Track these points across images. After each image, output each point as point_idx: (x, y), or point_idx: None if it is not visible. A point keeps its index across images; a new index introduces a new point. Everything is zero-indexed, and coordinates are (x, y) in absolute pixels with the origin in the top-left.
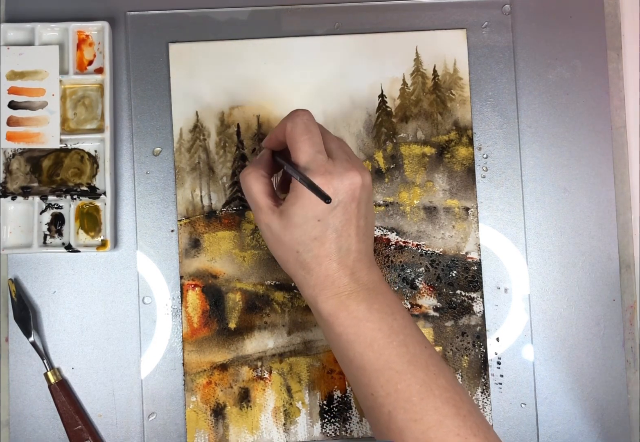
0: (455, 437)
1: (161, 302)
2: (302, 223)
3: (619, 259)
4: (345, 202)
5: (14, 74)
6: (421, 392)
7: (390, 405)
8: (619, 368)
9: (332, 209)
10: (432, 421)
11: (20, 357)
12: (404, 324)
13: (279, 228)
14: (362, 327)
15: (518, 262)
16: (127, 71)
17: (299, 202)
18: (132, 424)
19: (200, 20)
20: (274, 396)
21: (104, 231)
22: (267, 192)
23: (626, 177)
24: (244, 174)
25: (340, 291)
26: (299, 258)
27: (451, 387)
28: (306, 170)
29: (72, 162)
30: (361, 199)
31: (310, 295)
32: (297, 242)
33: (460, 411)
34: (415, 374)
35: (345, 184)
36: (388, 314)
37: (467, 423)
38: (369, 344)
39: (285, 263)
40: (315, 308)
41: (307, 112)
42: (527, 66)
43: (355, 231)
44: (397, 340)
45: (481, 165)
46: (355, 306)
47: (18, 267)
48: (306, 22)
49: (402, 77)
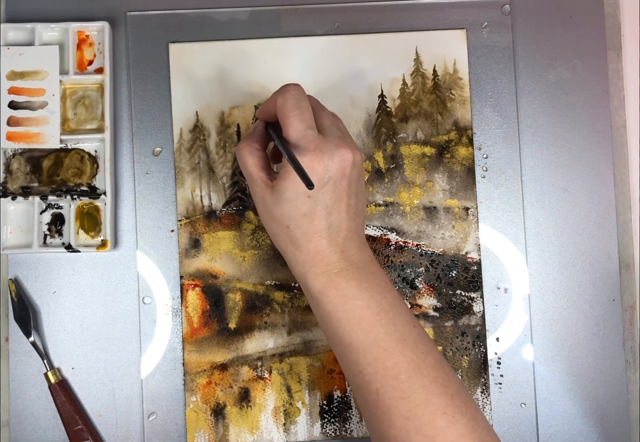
0: (442, 415)
1: (161, 302)
2: (292, 199)
3: (619, 259)
4: (335, 179)
5: (14, 74)
6: (409, 370)
7: (378, 383)
8: (619, 368)
9: (323, 185)
10: (419, 398)
11: (20, 357)
12: (393, 303)
13: (271, 202)
14: (351, 305)
15: (518, 262)
16: (127, 71)
17: (290, 178)
18: (132, 424)
19: (200, 20)
20: (274, 396)
21: (104, 231)
22: (262, 166)
23: (626, 177)
24: (239, 148)
25: (329, 269)
26: (289, 234)
27: (439, 367)
28: (296, 146)
29: (72, 162)
30: (352, 176)
31: (300, 272)
32: (287, 217)
33: (448, 389)
34: (404, 353)
35: (336, 160)
36: (377, 292)
37: (455, 402)
38: (358, 322)
39: (275, 237)
40: (305, 285)
41: (298, 87)
42: (527, 66)
43: (346, 209)
44: (386, 318)
45: (481, 165)
46: (345, 283)
47: (18, 267)
48: (306, 22)
49: (402, 77)
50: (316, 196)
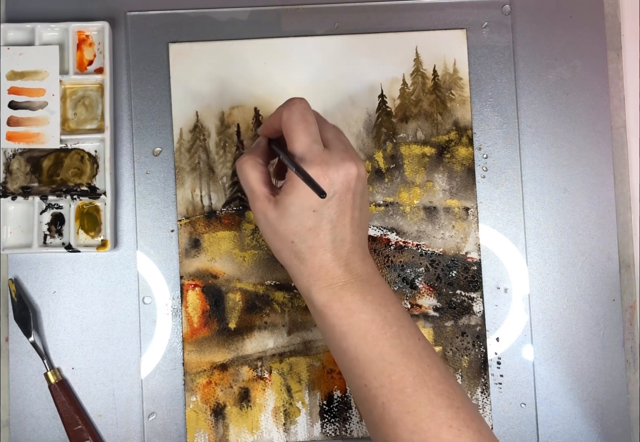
0: (448, 428)
1: (161, 302)
2: (297, 213)
3: (619, 259)
4: (340, 192)
5: (14, 74)
6: (415, 384)
7: (384, 397)
8: (619, 368)
9: (328, 199)
10: (425, 412)
11: (20, 357)
12: (397, 316)
13: (274, 218)
14: (356, 319)
15: (518, 262)
16: (127, 71)
17: (295, 192)
18: (132, 424)
19: (200, 20)
20: (274, 396)
21: (104, 231)
22: (264, 180)
23: (626, 177)
24: (241, 162)
25: (334, 282)
26: (294, 248)
27: (444, 380)
28: (302, 160)
29: (72, 162)
30: (356, 190)
31: (304, 285)
32: (292, 232)
33: (454, 402)
34: (409, 366)
35: (341, 174)
36: (382, 305)
37: (460, 415)
38: (363, 336)
39: (279, 252)
40: (309, 299)
41: (303, 101)
42: (527, 66)
43: (350, 222)
44: (391, 331)
45: (481, 165)
46: (349, 296)
47: (18, 267)
48: (306, 22)
49: (402, 77)
50: (321, 210)
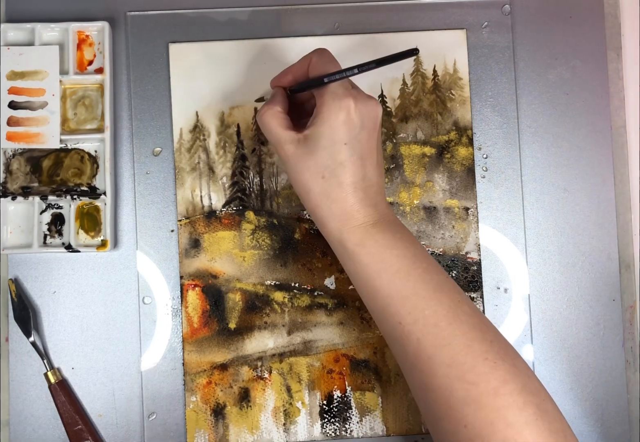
0: (484, 361)
1: (161, 302)
2: (329, 146)
3: (619, 259)
4: (369, 128)
5: (14, 74)
6: (448, 317)
7: (419, 332)
8: (619, 368)
9: (358, 132)
10: (460, 345)
11: (20, 357)
12: (425, 254)
13: (304, 154)
14: (389, 255)
15: (518, 262)
16: (127, 71)
17: (327, 124)
18: (132, 424)
19: (200, 20)
20: (274, 396)
21: (104, 231)
22: (287, 126)
23: (626, 177)
24: (260, 114)
25: (366, 220)
26: (324, 185)
27: (475, 314)
28: (334, 93)
29: (72, 162)
30: (380, 130)
31: (335, 227)
32: (323, 166)
33: (487, 335)
34: (441, 300)
35: (370, 110)
36: (410, 243)
37: (494, 348)
38: (396, 271)
39: (307, 193)
40: (340, 240)
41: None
42: (527, 66)
43: (376, 163)
44: (422, 267)
45: (481, 165)
46: (381, 234)
47: (18, 267)
48: (306, 22)
49: (402, 77)
50: (352, 144)
